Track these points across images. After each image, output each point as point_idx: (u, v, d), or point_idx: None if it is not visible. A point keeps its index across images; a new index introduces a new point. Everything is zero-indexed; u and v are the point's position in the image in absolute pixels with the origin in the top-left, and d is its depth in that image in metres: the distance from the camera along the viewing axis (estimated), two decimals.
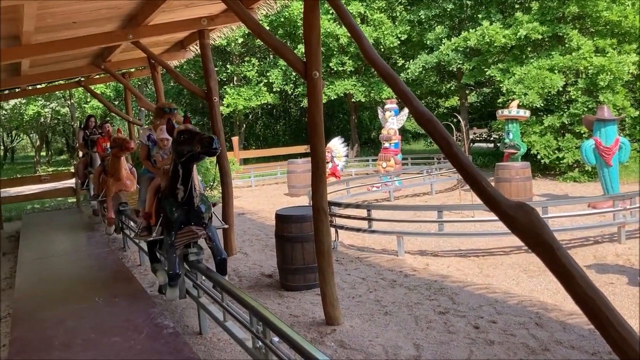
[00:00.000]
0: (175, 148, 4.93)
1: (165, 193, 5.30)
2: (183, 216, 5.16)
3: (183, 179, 5.03)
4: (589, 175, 15.11)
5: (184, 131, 4.88)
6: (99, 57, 11.01)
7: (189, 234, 5.22)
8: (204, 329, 5.47)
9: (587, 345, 4.68)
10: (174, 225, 5.16)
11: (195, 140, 4.71)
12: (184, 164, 4.95)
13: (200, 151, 4.72)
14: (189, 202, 5.14)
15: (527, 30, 16.86)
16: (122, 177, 9.40)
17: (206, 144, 4.66)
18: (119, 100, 27.96)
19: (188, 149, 4.78)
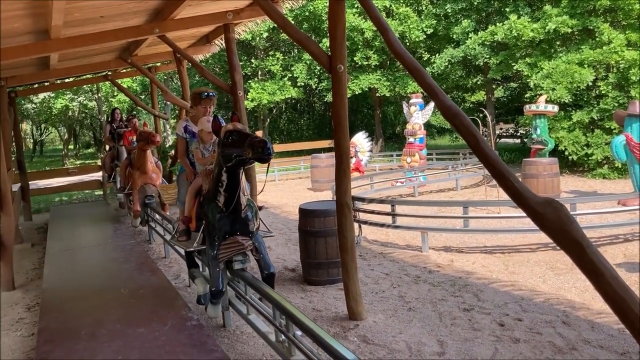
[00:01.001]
0: (222, 151, 4.35)
1: (208, 197, 4.78)
2: (228, 225, 4.64)
3: (229, 185, 4.49)
4: (619, 172, 14.79)
5: (233, 132, 4.27)
6: (126, 51, 11.12)
7: (235, 246, 4.69)
8: (227, 322, 5.49)
9: (616, 345, 4.58)
10: (217, 234, 4.66)
11: (246, 144, 4.11)
12: (231, 169, 4.40)
13: (251, 157, 4.11)
14: (235, 209, 4.60)
15: (556, 24, 16.54)
16: (148, 170, 9.57)
17: (258, 148, 4.01)
18: (145, 95, 28.27)
19: (237, 152, 4.22)
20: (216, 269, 4.69)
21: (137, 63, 11.86)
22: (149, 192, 9.56)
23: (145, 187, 9.57)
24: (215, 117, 4.58)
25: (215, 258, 4.68)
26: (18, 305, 6.83)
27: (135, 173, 9.66)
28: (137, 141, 9.52)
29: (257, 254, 4.82)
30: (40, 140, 47.17)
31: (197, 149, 5.17)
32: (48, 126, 42.45)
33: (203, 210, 4.86)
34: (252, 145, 4.05)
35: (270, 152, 3.96)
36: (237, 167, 4.37)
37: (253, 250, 4.83)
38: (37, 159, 39.73)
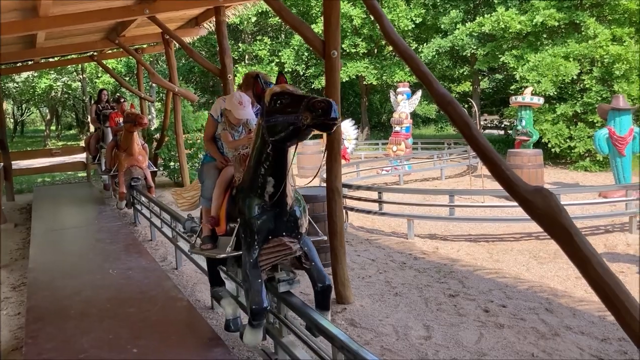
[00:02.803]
0: (268, 121, 3.30)
1: (243, 189, 3.70)
2: (272, 223, 3.58)
3: (274, 167, 3.43)
4: (600, 164, 15.04)
5: (282, 94, 3.25)
6: (113, 32, 11.01)
7: (281, 249, 3.66)
8: (215, 303, 5.52)
9: (596, 331, 4.71)
10: (257, 236, 3.58)
11: (302, 107, 3.08)
12: (279, 144, 3.33)
13: (310, 122, 3.04)
14: (281, 202, 3.54)
15: (543, 17, 16.68)
16: (134, 153, 9.47)
17: (319, 110, 2.98)
18: (129, 76, 27.97)
19: (290, 120, 3.15)
20: (257, 280, 3.58)
21: (125, 44, 11.74)
22: (135, 174, 9.48)
23: (132, 169, 9.48)
24: (258, 78, 3.51)
25: (255, 266, 3.60)
26: (3, 285, 6.79)
27: (122, 155, 9.58)
28: (124, 123, 9.42)
29: (307, 261, 3.78)
30: (21, 120, 46.46)
31: (225, 130, 4.10)
32: (30, 106, 41.81)
33: (237, 206, 3.77)
34: (312, 107, 3.02)
35: (336, 114, 2.98)
36: (288, 140, 3.29)
37: (302, 257, 3.79)
38: (18, 139, 39.16)
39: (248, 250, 3.64)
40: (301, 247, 3.74)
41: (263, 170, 3.48)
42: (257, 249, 3.60)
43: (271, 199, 3.52)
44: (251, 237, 3.61)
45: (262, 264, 3.64)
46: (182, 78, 27.06)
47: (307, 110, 3.04)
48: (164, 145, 14.42)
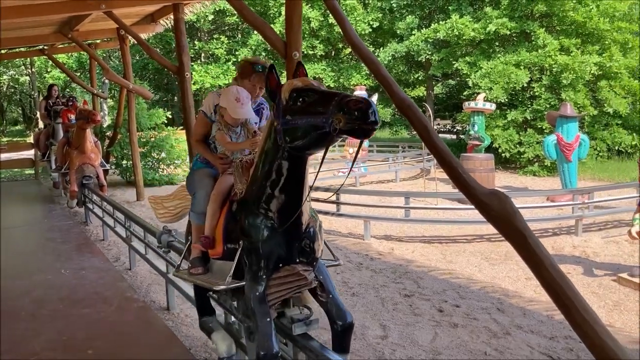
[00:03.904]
0: (285, 122, 2.65)
1: (246, 204, 3.02)
2: (283, 247, 2.92)
3: (291, 179, 2.81)
4: (548, 169, 15.57)
5: (306, 90, 2.61)
6: (66, 26, 10.72)
7: (293, 280, 2.99)
8: (171, 304, 5.46)
9: (545, 330, 4.89)
10: (265, 264, 2.93)
11: (333, 107, 2.43)
12: (299, 150, 2.69)
13: (343, 127, 2.40)
14: (295, 222, 2.89)
15: (496, 26, 17.17)
16: (86, 150, 9.24)
17: (358, 112, 2.36)
18: (80, 72, 27.23)
19: (316, 122, 2.50)
20: (265, 319, 2.88)
21: (78, 39, 11.45)
22: (87, 172, 9.25)
23: (84, 167, 9.23)
24: (272, 69, 2.80)
25: (262, 301, 2.92)
26: None
27: (73, 152, 9.31)
28: (77, 119, 9.15)
29: (323, 293, 3.12)
30: None
31: (220, 130, 3.37)
32: None
33: (238, 225, 3.06)
34: (346, 107, 2.38)
35: (376, 117, 2.39)
36: (311, 147, 2.66)
37: (317, 288, 3.11)
38: None
39: (253, 281, 2.95)
40: (316, 276, 3.06)
41: (274, 183, 2.83)
42: (265, 279, 2.92)
43: (284, 218, 2.85)
44: (257, 265, 2.93)
45: (270, 299, 2.95)
46: (136, 75, 26.53)
47: (340, 111, 2.41)
48: (116, 143, 14.13)
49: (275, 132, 2.74)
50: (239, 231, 3.03)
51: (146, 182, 12.75)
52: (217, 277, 3.21)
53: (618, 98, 16.06)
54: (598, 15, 16.56)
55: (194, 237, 3.42)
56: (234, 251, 3.06)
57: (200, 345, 4.47)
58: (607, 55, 16.31)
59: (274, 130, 2.76)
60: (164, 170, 14.72)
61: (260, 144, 2.97)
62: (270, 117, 2.87)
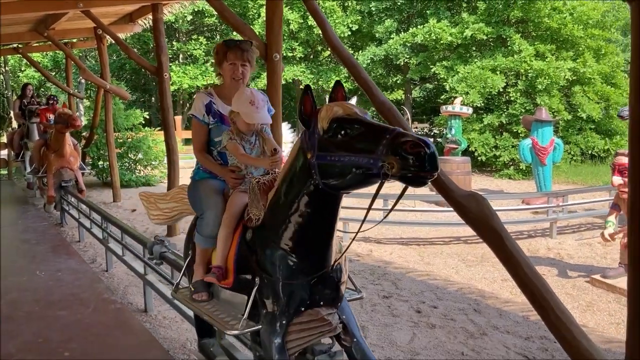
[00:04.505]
0: (323, 157, 2.24)
1: (266, 235, 2.64)
2: (307, 289, 2.59)
3: (322, 218, 2.46)
4: (523, 173, 15.80)
5: (349, 121, 2.19)
6: (42, 24, 10.57)
7: (316, 326, 2.61)
8: (149, 306, 5.42)
9: (521, 330, 4.97)
10: (286, 307, 2.57)
11: (384, 147, 2.04)
12: (337, 190, 2.33)
13: (396, 173, 2.02)
14: (322, 261, 2.56)
15: (472, 31, 17.40)
16: (65, 154, 8.89)
17: (415, 158, 1.98)
18: (55, 71, 26.83)
19: (361, 163, 2.11)
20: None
21: (54, 37, 11.30)
22: (66, 176, 8.91)
23: (62, 171, 8.89)
24: (308, 90, 2.36)
25: (281, 351, 2.57)
26: None
27: (51, 155, 8.95)
28: (56, 123, 8.80)
29: (347, 337, 2.72)
30: None
31: (233, 140, 2.92)
32: None
33: (254, 256, 2.67)
34: (400, 149, 1.99)
35: (437, 164, 2.02)
36: (351, 187, 2.29)
37: (340, 332, 2.72)
38: None
39: (271, 326, 2.58)
40: (338, 316, 2.68)
41: (300, 218, 2.46)
42: (285, 325, 2.57)
43: (308, 259, 2.53)
44: (276, 308, 2.56)
45: (290, 347, 2.59)
46: (114, 75, 26.26)
47: (393, 153, 2.00)
48: (92, 144, 13.96)
49: (306, 162, 2.33)
50: (255, 264, 2.64)
51: (123, 183, 12.64)
52: (226, 309, 2.88)
53: (591, 103, 16.39)
54: (572, 22, 16.90)
55: (199, 260, 3.00)
56: (246, 283, 2.70)
57: (179, 347, 4.45)
58: (581, 61, 16.66)
59: (303, 159, 2.36)
60: (141, 171, 14.60)
61: (286, 168, 2.53)
62: (300, 142, 2.42)
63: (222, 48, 3.07)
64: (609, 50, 17.64)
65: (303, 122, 2.37)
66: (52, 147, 8.97)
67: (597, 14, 17.41)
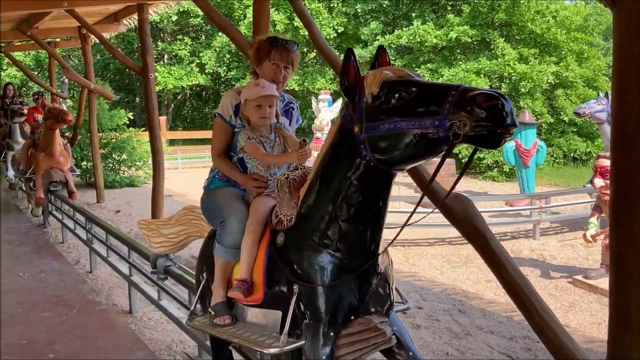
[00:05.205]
0: (374, 128, 1.96)
1: (300, 235, 2.31)
2: (356, 293, 2.26)
3: (371, 204, 2.19)
4: (507, 175, 15.96)
5: (403, 83, 1.93)
6: (25, 23, 10.45)
7: (369, 337, 2.24)
8: (134, 307, 5.39)
9: (504, 330, 5.03)
10: (332, 315, 2.21)
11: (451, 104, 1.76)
12: (393, 165, 2.05)
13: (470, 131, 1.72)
14: (370, 253, 2.26)
15: (457, 33, 17.54)
16: (54, 153, 8.45)
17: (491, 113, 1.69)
18: (38, 71, 26.54)
19: (424, 127, 1.83)
20: None
21: (37, 36, 11.18)
22: (55, 177, 8.46)
23: (51, 171, 8.43)
24: (351, 54, 2.09)
25: None
26: None
27: (40, 155, 8.47)
28: (45, 119, 8.36)
29: (401, 350, 2.38)
30: None
31: (252, 139, 2.59)
32: None
33: (287, 262, 2.32)
34: (473, 104, 1.71)
35: (514, 119, 1.71)
36: (412, 160, 2.02)
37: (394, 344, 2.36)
38: None
39: (317, 339, 2.21)
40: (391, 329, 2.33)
41: (345, 209, 2.16)
42: (333, 337, 2.21)
43: (357, 256, 2.21)
44: (322, 319, 2.20)
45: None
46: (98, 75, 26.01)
47: (464, 110, 1.72)
48: (76, 144, 13.84)
49: (352, 141, 2.04)
50: (290, 272, 2.28)
51: (107, 183, 12.55)
52: (256, 329, 2.47)
53: (574, 106, 16.58)
54: (555, 26, 17.11)
55: (220, 277, 2.60)
56: (280, 296, 2.34)
57: (165, 348, 4.44)
58: (564, 65, 16.87)
59: (347, 139, 2.08)
60: (125, 172, 14.50)
61: (322, 154, 2.24)
62: (340, 120, 2.16)
63: (266, 46, 2.69)
64: (591, 54, 17.90)
65: (346, 91, 2.09)
66: (41, 145, 8.52)
67: (580, 19, 17.66)
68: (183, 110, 32.82)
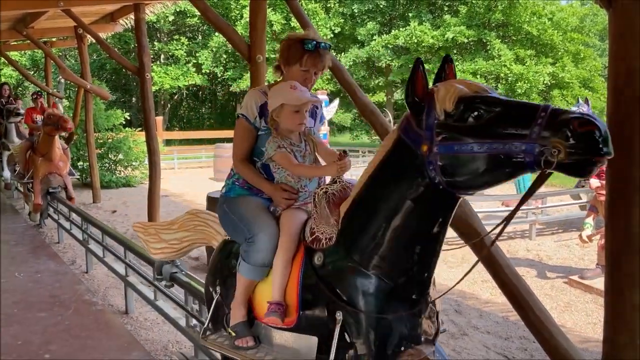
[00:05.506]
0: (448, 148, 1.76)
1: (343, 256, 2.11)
2: (408, 322, 2.07)
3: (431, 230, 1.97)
4: None
5: (482, 101, 1.72)
6: (21, 23, 10.43)
7: None
8: (130, 308, 5.38)
9: (500, 330, 5.04)
10: (383, 346, 2.04)
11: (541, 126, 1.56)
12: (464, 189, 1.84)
13: (564, 159, 1.52)
14: (424, 285, 2.11)
15: (454, 33, 17.60)
16: (54, 158, 8.26)
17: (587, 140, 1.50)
18: (34, 71, 26.49)
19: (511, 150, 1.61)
20: None
21: (33, 36, 11.15)
22: (54, 182, 8.24)
23: (50, 177, 8.21)
24: (420, 65, 1.82)
25: None
26: None
27: (38, 160, 8.29)
28: (44, 125, 8.19)
29: None
30: None
31: (282, 148, 2.37)
32: None
33: (327, 284, 2.12)
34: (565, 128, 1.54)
35: (610, 147, 1.54)
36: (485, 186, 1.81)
37: None
38: None
39: None
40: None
41: (402, 232, 1.96)
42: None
43: (411, 283, 2.04)
44: (370, 350, 2.02)
45: None
46: (94, 75, 26.02)
47: (557, 135, 1.54)
48: (72, 144, 13.81)
49: (415, 159, 1.85)
50: (334, 297, 2.07)
51: (103, 184, 12.52)
52: (285, 355, 2.28)
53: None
54: (552, 28, 17.17)
55: (242, 296, 2.41)
56: (318, 323, 2.14)
57: (160, 349, 4.43)
58: (560, 65, 16.94)
59: (407, 155, 1.88)
60: (121, 172, 14.48)
61: (370, 172, 2.04)
62: (397, 134, 1.94)
63: (298, 48, 2.42)
64: (587, 55, 17.98)
65: (412, 105, 1.86)
66: (40, 150, 8.33)
67: (576, 19, 17.74)
68: (179, 110, 32.82)
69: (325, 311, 2.11)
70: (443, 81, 1.90)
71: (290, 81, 2.38)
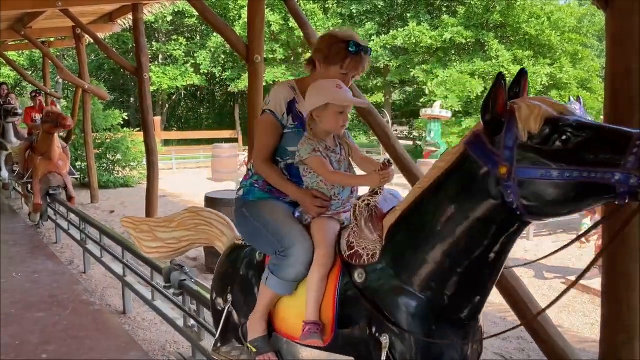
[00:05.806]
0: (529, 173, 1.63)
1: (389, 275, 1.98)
2: (457, 348, 1.94)
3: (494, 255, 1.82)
4: None
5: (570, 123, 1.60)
6: (19, 23, 10.43)
7: None
8: (128, 308, 5.38)
9: (498, 331, 5.03)
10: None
11: (636, 156, 1.47)
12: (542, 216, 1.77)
13: None
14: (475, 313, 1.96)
15: (452, 34, 17.62)
16: (53, 157, 8.16)
17: None
18: (31, 70, 26.47)
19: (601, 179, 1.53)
20: None
21: (31, 36, 11.15)
22: (54, 182, 8.16)
23: (50, 176, 8.13)
24: (502, 80, 1.70)
25: None
26: None
27: (37, 159, 8.20)
28: (43, 123, 8.11)
29: None
30: None
31: (317, 152, 2.19)
32: None
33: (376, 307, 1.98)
34: None
35: None
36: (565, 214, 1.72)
37: None
38: None
39: None
40: None
41: (462, 255, 1.83)
42: None
43: (465, 307, 1.91)
44: None
45: None
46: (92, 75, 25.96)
47: None
48: (70, 144, 13.80)
49: (485, 179, 1.73)
50: (380, 316, 1.94)
51: (101, 184, 12.52)
52: None
53: None
54: (550, 28, 17.20)
55: (264, 309, 2.25)
56: (358, 343, 2.03)
57: (158, 349, 4.43)
58: (558, 66, 16.96)
59: (476, 174, 1.76)
60: (119, 172, 14.48)
61: (425, 186, 1.92)
62: (464, 149, 1.82)
63: (341, 49, 2.22)
64: (585, 55, 18.00)
65: (490, 122, 1.71)
66: (39, 149, 8.25)
67: (574, 20, 17.76)
68: (178, 110, 32.79)
69: (366, 331, 1.98)
70: (519, 97, 1.79)
71: (334, 79, 2.20)
